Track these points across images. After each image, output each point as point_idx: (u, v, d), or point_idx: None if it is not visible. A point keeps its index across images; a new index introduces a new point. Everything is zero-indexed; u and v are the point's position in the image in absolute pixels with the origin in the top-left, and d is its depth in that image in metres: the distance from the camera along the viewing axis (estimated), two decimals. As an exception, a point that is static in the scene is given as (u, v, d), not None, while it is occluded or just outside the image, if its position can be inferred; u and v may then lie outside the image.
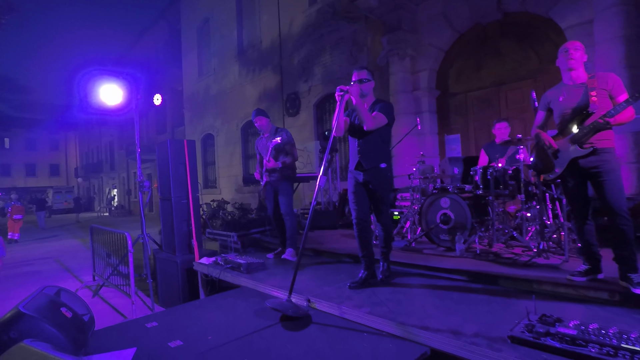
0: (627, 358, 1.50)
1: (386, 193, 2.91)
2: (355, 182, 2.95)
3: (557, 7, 5.35)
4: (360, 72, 2.93)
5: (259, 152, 4.38)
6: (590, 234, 2.54)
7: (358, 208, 2.91)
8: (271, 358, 1.97)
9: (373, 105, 2.93)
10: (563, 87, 2.58)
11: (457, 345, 1.87)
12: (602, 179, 2.35)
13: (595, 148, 2.38)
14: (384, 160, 2.89)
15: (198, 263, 4.22)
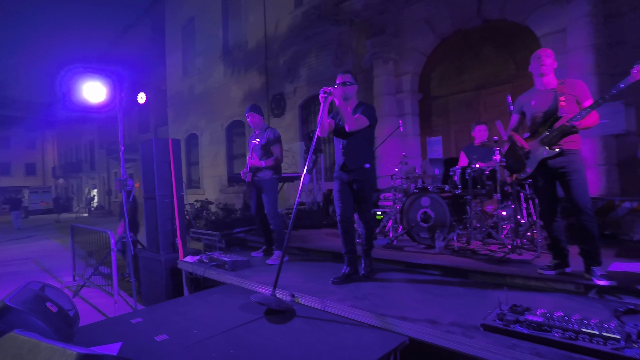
0: (586, 340, 1.63)
1: (369, 192, 3.01)
2: (340, 181, 3.04)
3: (533, 15, 5.59)
4: (344, 76, 3.03)
5: (250, 149, 4.37)
6: (558, 231, 2.70)
7: (342, 206, 3.01)
8: (257, 349, 2.03)
9: (356, 107, 3.04)
10: (535, 91, 2.74)
11: (434, 334, 1.98)
12: (568, 179, 2.51)
13: (563, 149, 2.54)
14: (368, 161, 2.99)
15: (182, 261, 4.23)
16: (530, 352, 1.68)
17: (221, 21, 12.72)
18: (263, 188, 4.05)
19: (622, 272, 2.68)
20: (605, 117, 4.70)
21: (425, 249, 3.81)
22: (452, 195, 3.98)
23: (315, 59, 9.28)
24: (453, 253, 3.50)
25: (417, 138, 7.36)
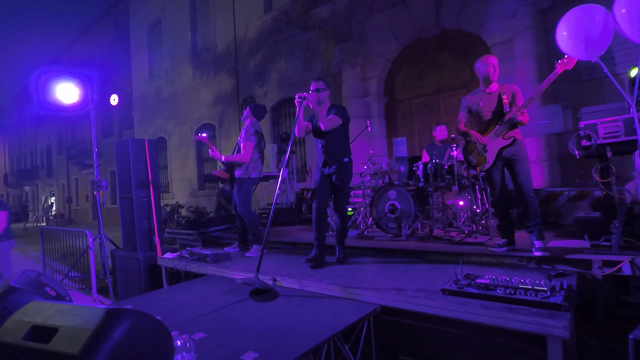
0: (521, 294, 2.00)
1: (347, 184, 3.34)
2: (321, 175, 3.36)
3: (484, 27, 6.17)
4: (317, 83, 3.33)
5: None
6: (508, 213, 3.12)
7: (320, 196, 3.31)
8: (245, 322, 2.26)
9: (329, 109, 3.35)
10: (482, 93, 3.15)
11: (401, 300, 2.30)
12: (517, 165, 2.96)
13: (515, 138, 2.96)
14: (346, 155, 3.32)
15: (162, 258, 4.34)
16: (479, 306, 2.03)
17: (189, 24, 12.70)
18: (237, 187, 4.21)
19: (558, 247, 3.13)
20: (547, 118, 5.31)
21: (394, 237, 4.16)
22: (416, 188, 4.37)
23: (285, 63, 9.54)
24: (418, 239, 3.87)
25: (384, 138, 7.80)
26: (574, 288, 2.19)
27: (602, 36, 2.08)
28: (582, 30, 2.12)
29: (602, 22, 2.06)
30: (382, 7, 7.34)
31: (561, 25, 2.22)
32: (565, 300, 1.89)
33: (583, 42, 2.13)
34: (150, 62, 14.61)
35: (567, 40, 2.20)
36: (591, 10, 2.11)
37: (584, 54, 2.17)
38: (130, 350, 1.30)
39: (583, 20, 2.12)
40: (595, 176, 3.23)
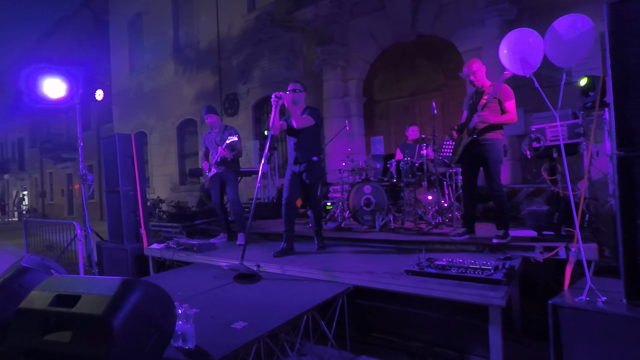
0: (470, 272, 2.38)
1: (316, 181, 3.62)
2: (291, 172, 3.62)
3: (456, 34, 6.60)
4: (295, 84, 3.62)
5: (207, 145, 4.77)
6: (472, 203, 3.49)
7: (289, 192, 3.58)
8: (234, 300, 2.55)
9: (304, 110, 3.62)
10: (474, 92, 3.45)
11: (371, 280, 2.64)
12: (485, 162, 3.29)
13: (479, 138, 3.29)
14: (316, 154, 3.58)
15: (150, 248, 4.55)
16: (436, 283, 2.39)
17: (171, 19, 12.71)
18: (227, 179, 4.52)
19: (512, 236, 3.55)
20: (513, 120, 5.77)
21: (368, 229, 4.52)
22: (389, 184, 4.74)
23: (268, 62, 9.77)
24: (390, 230, 4.24)
25: (362, 137, 8.17)
26: (515, 268, 2.58)
27: (534, 57, 2.46)
28: (518, 50, 2.50)
29: (534, 45, 2.44)
30: (362, 12, 7.68)
31: (502, 45, 2.59)
32: (505, 277, 2.27)
33: (519, 60, 2.50)
34: (131, 57, 14.50)
35: (507, 57, 2.57)
36: (527, 34, 2.49)
37: (520, 70, 2.55)
38: (144, 312, 1.57)
39: (519, 41, 2.50)
40: (544, 174, 3.67)
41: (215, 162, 4.49)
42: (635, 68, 1.81)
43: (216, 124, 4.62)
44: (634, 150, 1.80)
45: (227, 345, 1.82)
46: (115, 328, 1.42)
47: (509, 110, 3.27)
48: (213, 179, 4.59)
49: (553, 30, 2.31)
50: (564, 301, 1.89)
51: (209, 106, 4.71)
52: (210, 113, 4.58)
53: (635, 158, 1.80)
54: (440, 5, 6.77)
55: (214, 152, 4.57)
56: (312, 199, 3.66)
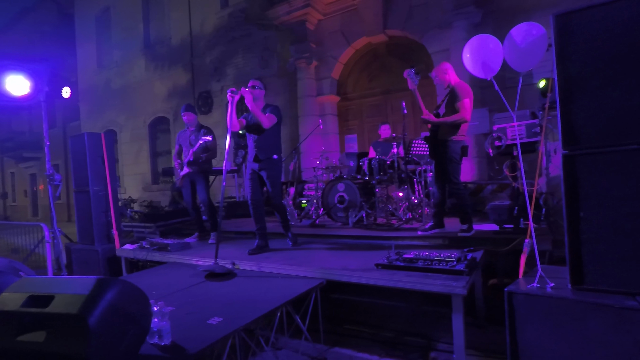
0: (436, 264, 2.53)
1: (277, 179, 3.61)
2: (252, 170, 3.64)
3: (426, 36, 6.82)
4: (254, 81, 3.61)
5: (180, 143, 4.74)
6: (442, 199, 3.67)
7: (252, 191, 3.62)
8: (210, 297, 2.59)
9: (265, 107, 3.63)
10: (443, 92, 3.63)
11: (344, 274, 2.75)
12: (442, 161, 3.47)
13: (437, 138, 3.46)
14: (276, 153, 3.59)
15: (122, 249, 4.49)
16: (404, 275, 2.52)
17: (141, 14, 12.38)
18: (197, 180, 4.52)
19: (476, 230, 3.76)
20: (476, 120, 6.04)
21: (342, 225, 4.64)
22: (362, 181, 4.87)
23: (242, 60, 9.71)
24: (362, 227, 4.37)
25: (337, 135, 8.29)
26: (477, 260, 2.75)
27: (495, 61, 2.64)
28: (480, 54, 2.66)
29: (494, 51, 2.62)
30: (335, 11, 7.79)
31: (465, 49, 2.76)
32: (466, 268, 2.43)
33: (480, 65, 2.67)
34: (98, 52, 14.02)
35: (469, 61, 2.74)
36: (487, 40, 2.66)
37: (481, 73, 2.72)
38: (120, 309, 1.61)
39: (480, 47, 2.67)
40: (505, 171, 3.90)
41: (187, 162, 4.49)
42: (578, 75, 1.99)
43: (192, 123, 4.61)
44: (577, 149, 1.99)
45: (203, 340, 1.88)
46: (92, 325, 1.46)
47: (459, 108, 3.36)
48: (184, 179, 4.58)
49: (510, 37, 2.48)
50: (517, 288, 2.06)
51: (188, 104, 4.74)
52: (189, 111, 4.59)
53: (579, 156, 1.99)
54: (410, 7, 6.97)
55: (187, 150, 4.56)
56: (273, 197, 3.64)
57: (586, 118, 1.98)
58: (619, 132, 1.90)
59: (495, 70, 2.65)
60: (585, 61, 1.97)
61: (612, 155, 1.91)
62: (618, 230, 1.90)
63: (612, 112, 1.92)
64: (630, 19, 1.84)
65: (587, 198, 1.96)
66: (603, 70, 1.92)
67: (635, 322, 1.74)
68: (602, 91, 1.93)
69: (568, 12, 2.00)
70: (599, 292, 1.91)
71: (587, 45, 1.96)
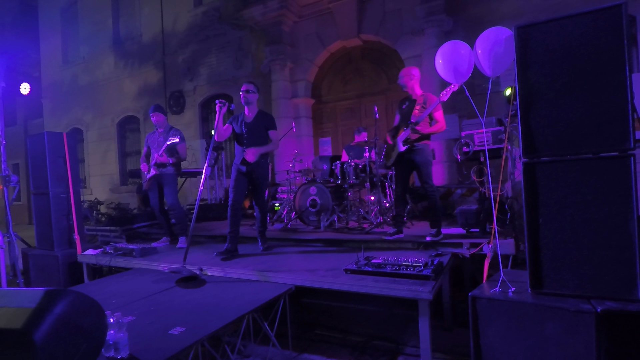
0: (404, 269, 2.55)
1: (265, 180, 3.66)
2: (238, 172, 3.59)
3: (399, 41, 6.92)
4: (248, 85, 3.58)
5: (149, 145, 4.62)
6: (403, 205, 3.72)
7: (235, 193, 3.57)
8: (174, 304, 2.51)
9: (257, 115, 3.60)
10: (407, 99, 3.65)
11: (312, 280, 2.73)
12: (417, 168, 3.50)
13: (411, 146, 3.49)
14: (264, 155, 3.62)
15: (84, 255, 4.30)
16: (372, 280, 2.53)
17: (111, 9, 11.94)
18: (164, 183, 4.39)
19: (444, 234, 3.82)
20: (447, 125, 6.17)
21: (314, 229, 4.62)
22: (334, 185, 4.88)
23: (215, 60, 9.54)
24: (334, 230, 4.37)
25: (311, 138, 8.28)
26: (444, 264, 2.80)
27: (466, 67, 2.69)
28: (451, 60, 2.71)
29: (466, 56, 2.67)
30: (310, 14, 7.78)
31: (437, 55, 2.80)
32: (433, 272, 2.46)
33: (452, 70, 2.72)
34: (64, 47, 13.41)
35: (441, 67, 2.79)
36: (459, 46, 2.72)
37: (453, 79, 2.77)
38: (70, 323, 1.51)
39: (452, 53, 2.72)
40: (473, 176, 3.99)
41: (154, 164, 4.36)
42: (537, 85, 2.06)
43: (162, 124, 4.50)
44: (536, 157, 2.06)
45: (163, 351, 1.81)
46: (38, 341, 1.37)
47: (439, 120, 3.49)
48: (151, 181, 4.45)
49: (480, 41, 2.52)
50: (481, 292, 2.11)
51: (156, 105, 4.62)
52: (157, 112, 4.48)
53: (537, 164, 2.05)
54: (384, 13, 7.06)
55: (155, 152, 4.43)
56: (260, 198, 3.67)
57: (545, 127, 2.05)
58: (576, 141, 1.98)
59: (467, 76, 2.71)
60: (544, 72, 2.04)
61: (570, 163, 1.99)
62: (574, 235, 1.97)
63: (569, 121, 1.99)
64: (584, 34, 1.92)
65: (546, 205, 2.03)
66: (561, 81, 2.00)
67: (588, 324, 1.81)
68: (560, 101, 2.01)
69: (529, 24, 2.06)
70: (557, 295, 1.98)
71: (546, 56, 2.03)
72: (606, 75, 1.87)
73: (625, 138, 1.84)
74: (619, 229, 1.86)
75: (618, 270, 1.86)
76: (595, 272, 1.91)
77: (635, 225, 1.81)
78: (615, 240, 1.87)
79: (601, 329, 1.77)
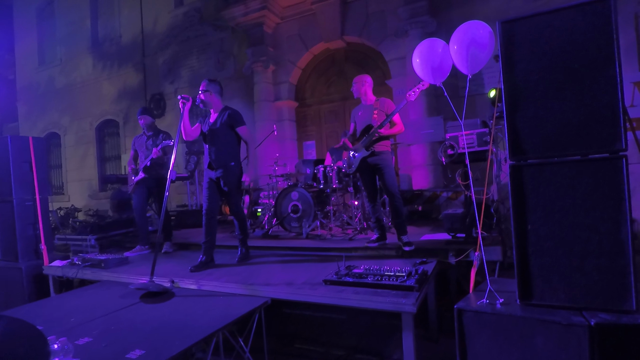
0: (386, 279, 2.40)
1: (235, 187, 3.35)
2: (209, 179, 3.38)
3: (383, 43, 6.83)
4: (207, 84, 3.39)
5: (135, 148, 4.46)
6: (379, 212, 3.57)
7: (209, 202, 3.34)
8: (137, 322, 2.30)
9: (222, 111, 3.39)
10: (362, 106, 3.58)
11: (289, 292, 2.56)
12: (382, 172, 3.38)
13: (374, 151, 3.38)
14: (233, 159, 3.34)
15: (50, 266, 4.03)
16: (352, 292, 2.37)
17: (89, 9, 11.59)
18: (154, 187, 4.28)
19: (429, 240, 3.70)
20: (431, 128, 6.09)
21: (296, 236, 4.44)
22: (317, 189, 4.71)
23: (197, 61, 9.31)
24: (316, 237, 4.20)
25: (295, 142, 8.11)
26: (428, 273, 2.66)
27: (444, 65, 2.57)
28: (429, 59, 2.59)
29: (443, 54, 2.55)
30: (292, 15, 7.64)
31: (415, 54, 2.68)
32: (417, 283, 2.31)
33: (429, 69, 2.60)
34: (40, 47, 12.96)
35: (419, 66, 2.66)
36: (436, 44, 2.60)
37: (431, 78, 2.65)
38: (1, 353, 1.31)
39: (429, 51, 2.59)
40: (458, 179, 3.88)
41: (143, 167, 4.20)
42: (523, 83, 1.94)
43: (150, 127, 4.40)
44: (523, 159, 1.94)
45: (116, 380, 1.61)
46: (-45, 378, 1.16)
47: (397, 122, 3.43)
48: (139, 185, 4.29)
49: (455, 37, 2.40)
50: (467, 305, 1.97)
51: (144, 107, 4.55)
52: (145, 114, 4.39)
53: (525, 166, 1.93)
54: (367, 15, 6.97)
55: (143, 156, 4.33)
56: (234, 205, 3.45)
57: (532, 127, 1.93)
58: (564, 142, 1.86)
59: (445, 75, 2.59)
60: (530, 70, 1.92)
61: (558, 165, 1.87)
62: (563, 242, 1.85)
63: (557, 121, 1.87)
64: (572, 29, 1.81)
65: (534, 209, 1.91)
66: (548, 79, 1.88)
67: (581, 338, 1.68)
68: (547, 100, 1.89)
69: (513, 19, 1.95)
70: (547, 307, 1.86)
71: (532, 53, 1.91)
72: (595, 72, 1.76)
73: (616, 138, 1.73)
74: (611, 234, 1.74)
75: (610, 279, 1.75)
76: (587, 282, 1.79)
77: (629, 231, 1.70)
78: (606, 246, 1.75)
79: (595, 343, 1.65)
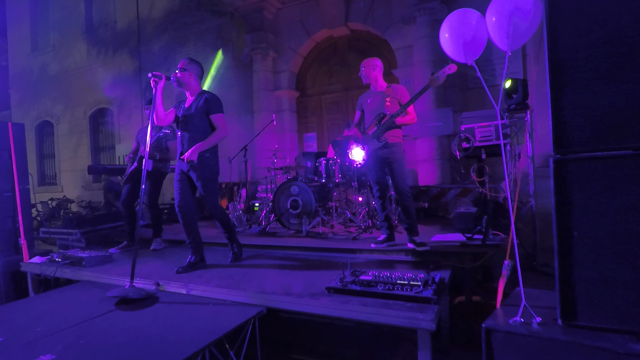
0: (399, 289, 2.09)
1: (210, 181, 2.96)
2: (180, 171, 2.98)
3: (389, 31, 6.47)
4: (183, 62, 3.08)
5: (138, 140, 4.18)
6: (388, 210, 3.26)
7: (180, 196, 2.95)
8: (111, 334, 1.99)
9: (200, 94, 3.02)
10: (370, 93, 3.25)
11: (287, 301, 2.25)
12: (392, 167, 3.07)
13: (387, 142, 3.07)
14: (209, 150, 2.93)
15: (28, 263, 3.72)
16: (359, 304, 2.06)
17: (83, -7, 11.19)
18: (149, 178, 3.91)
19: (440, 241, 3.39)
20: (439, 120, 5.76)
21: (295, 234, 4.13)
22: (319, 184, 4.39)
23: (194, 48, 8.93)
24: (317, 235, 3.89)
25: (295, 133, 7.77)
26: (445, 281, 2.35)
27: (477, 41, 2.23)
28: (461, 33, 2.24)
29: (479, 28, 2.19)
30: (294, 0, 7.26)
31: (443, 27, 2.33)
32: (435, 294, 2.01)
33: (462, 45, 2.25)
34: (33, 33, 12.55)
35: (448, 41, 2.32)
36: (470, 15, 2.24)
37: (462, 56, 2.30)
38: None
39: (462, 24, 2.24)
40: (473, 175, 3.56)
41: (139, 157, 3.95)
42: (570, 63, 1.61)
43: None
44: (570, 153, 1.62)
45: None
46: None
47: (410, 112, 3.13)
48: (132, 175, 3.97)
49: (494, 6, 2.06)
50: (497, 324, 1.66)
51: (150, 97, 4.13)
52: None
53: (571, 161, 1.61)
54: (372, 0, 6.59)
55: (143, 148, 4.01)
56: (210, 203, 3.00)
57: (580, 115, 1.60)
58: (618, 132, 1.54)
59: (479, 51, 2.24)
60: (579, 45, 1.60)
61: (610, 161, 1.56)
62: (616, 252, 1.54)
63: (611, 108, 1.56)
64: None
65: (580, 213, 1.59)
66: (600, 56, 1.56)
67: (641, 371, 1.38)
68: (599, 83, 1.57)
69: (563, -18, 1.62)
70: (596, 329, 1.55)
71: (582, 24, 1.59)
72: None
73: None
74: (676, 244, 1.43)
75: (675, 298, 1.44)
76: (645, 301, 1.48)
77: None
78: (670, 259, 1.44)
79: (658, 378, 1.35)
